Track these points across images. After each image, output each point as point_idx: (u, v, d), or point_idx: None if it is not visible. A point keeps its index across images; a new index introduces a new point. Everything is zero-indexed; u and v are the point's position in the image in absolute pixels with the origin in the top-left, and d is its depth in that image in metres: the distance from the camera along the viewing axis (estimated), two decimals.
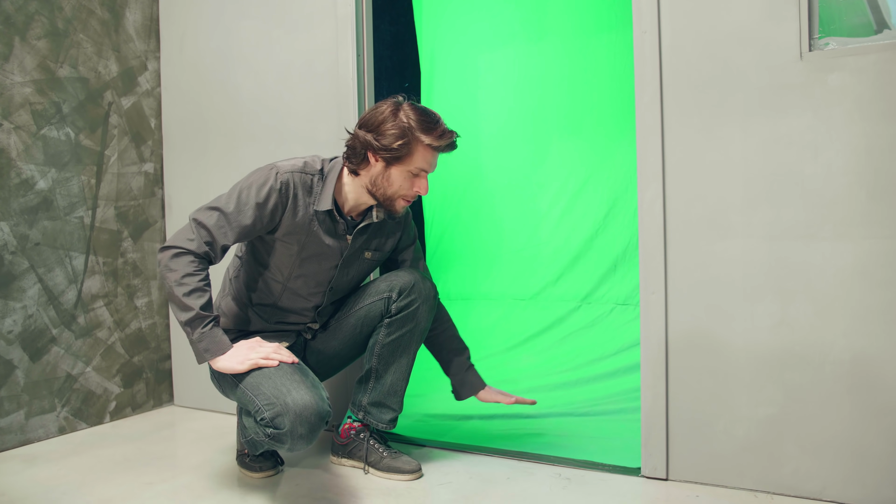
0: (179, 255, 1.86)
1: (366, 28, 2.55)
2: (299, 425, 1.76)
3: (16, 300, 2.49)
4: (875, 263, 1.80)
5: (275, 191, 1.94)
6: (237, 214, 1.91)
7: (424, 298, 2.12)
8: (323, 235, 2.03)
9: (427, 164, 1.97)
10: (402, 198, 2.01)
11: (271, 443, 1.84)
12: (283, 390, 1.79)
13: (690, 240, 2.01)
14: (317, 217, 2.01)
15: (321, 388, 1.86)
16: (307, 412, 1.76)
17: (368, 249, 2.14)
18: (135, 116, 2.92)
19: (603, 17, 3.87)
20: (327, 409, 1.81)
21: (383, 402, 2.18)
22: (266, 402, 1.79)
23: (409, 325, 2.13)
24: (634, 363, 3.13)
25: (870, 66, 1.79)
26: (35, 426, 2.55)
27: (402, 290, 2.10)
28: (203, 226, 1.90)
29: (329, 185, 2.01)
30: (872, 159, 1.79)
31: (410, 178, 1.98)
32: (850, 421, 1.83)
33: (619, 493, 1.99)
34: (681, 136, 2.01)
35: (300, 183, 1.99)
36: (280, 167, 1.98)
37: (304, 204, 1.99)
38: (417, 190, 2.00)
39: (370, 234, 2.13)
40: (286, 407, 1.76)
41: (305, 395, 1.78)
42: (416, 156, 1.95)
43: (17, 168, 2.50)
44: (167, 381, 3.06)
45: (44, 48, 2.58)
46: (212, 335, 1.84)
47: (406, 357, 2.17)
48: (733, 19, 1.94)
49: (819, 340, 1.86)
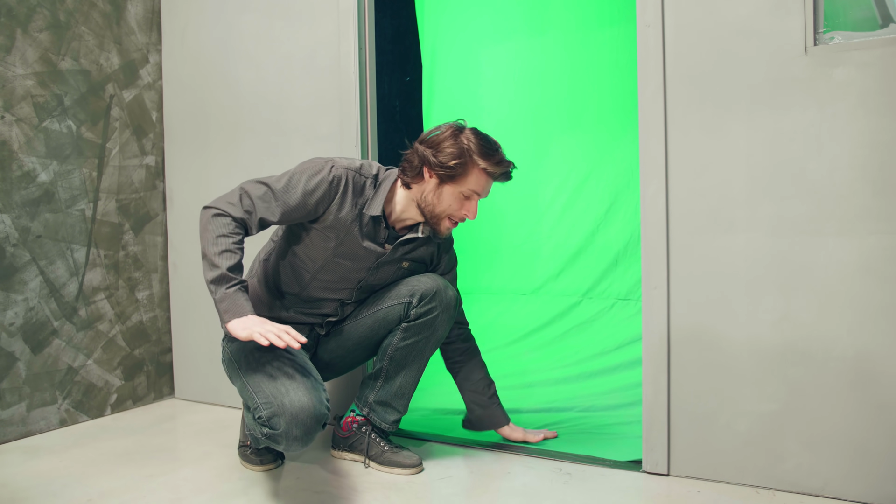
0: (218, 215, 1.88)
1: (367, 22, 2.54)
2: (294, 427, 1.75)
3: (17, 292, 2.49)
4: (879, 259, 1.79)
5: (325, 182, 1.96)
6: (284, 194, 1.93)
7: (445, 307, 2.11)
8: (362, 238, 2.04)
9: (480, 188, 2.00)
10: (449, 217, 2.03)
11: (267, 441, 1.84)
12: (281, 390, 1.79)
13: (693, 234, 2.00)
14: (360, 219, 2.03)
15: (322, 389, 1.86)
16: (303, 414, 1.75)
17: (408, 260, 2.16)
18: (136, 109, 2.91)
19: (605, 11, 3.85)
20: (324, 412, 1.80)
21: (389, 403, 2.18)
22: (264, 401, 1.79)
23: (426, 332, 2.11)
24: (636, 358, 3.13)
25: (875, 60, 1.78)
26: (36, 418, 2.55)
27: (423, 297, 2.09)
28: (248, 195, 1.92)
29: (382, 192, 2.04)
30: (877, 154, 1.78)
31: (461, 199, 2.00)
32: (853, 417, 1.83)
33: (621, 488, 1.99)
34: (684, 131, 2.01)
35: (352, 182, 2.01)
36: (337, 162, 2.00)
37: (352, 203, 2.01)
38: (466, 213, 2.02)
39: (414, 247, 2.14)
40: (282, 408, 1.75)
41: (303, 397, 1.77)
42: (470, 178, 1.97)
43: (19, 160, 2.49)
44: (168, 374, 3.06)
45: (45, 40, 2.57)
46: (234, 297, 1.79)
47: (418, 362, 2.16)
48: (737, 13, 1.93)
49: (822, 336, 1.86)
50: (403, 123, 4.36)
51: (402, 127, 4.35)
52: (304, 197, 1.94)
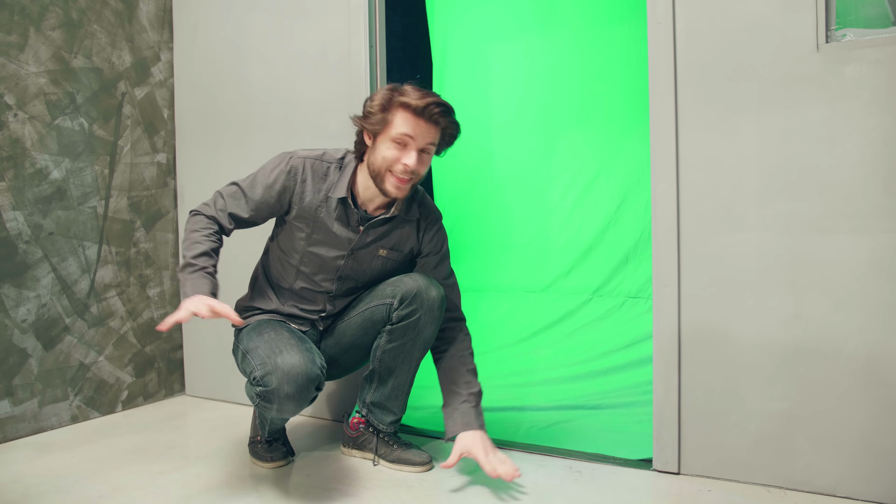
0: (193, 215, 2.04)
1: (378, 19, 2.54)
2: (285, 384, 1.79)
3: (30, 289, 2.51)
4: (891, 257, 1.78)
5: (283, 173, 2.02)
6: (249, 189, 2.04)
7: (427, 309, 2.04)
8: (332, 223, 2.05)
9: (409, 128, 1.90)
10: (391, 172, 1.93)
11: (262, 405, 1.86)
12: (276, 350, 1.85)
13: (704, 232, 2.00)
14: (327, 204, 2.03)
15: (317, 355, 1.91)
16: (294, 371, 1.80)
17: (384, 247, 2.11)
18: (148, 107, 2.93)
19: (616, 8, 3.84)
20: (317, 372, 1.85)
21: (384, 405, 2.17)
22: (259, 362, 1.85)
23: (411, 334, 2.06)
24: (646, 356, 3.13)
25: (887, 57, 1.77)
26: (48, 414, 2.57)
27: (403, 299, 2.04)
28: (221, 195, 2.06)
29: (346, 173, 2.04)
30: (889, 152, 1.77)
31: (396, 148, 1.92)
32: (865, 416, 1.82)
33: (631, 486, 1.99)
34: (695, 128, 2.00)
35: (311, 169, 2.04)
36: (295, 153, 2.06)
37: (314, 189, 2.03)
38: (405, 162, 1.91)
39: (387, 230, 2.09)
40: (275, 365, 1.81)
41: (295, 356, 1.83)
42: (396, 120, 1.91)
43: (32, 158, 2.51)
44: (179, 371, 3.08)
45: (58, 39, 2.58)
46: (192, 279, 1.88)
47: (407, 365, 2.12)
48: (749, 10, 1.92)
49: (833, 334, 1.85)
50: None
51: None
52: (265, 190, 2.03)
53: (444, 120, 1.93)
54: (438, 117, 1.92)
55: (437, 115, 1.91)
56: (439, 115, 1.91)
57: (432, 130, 1.93)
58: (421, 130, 1.91)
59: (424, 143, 1.93)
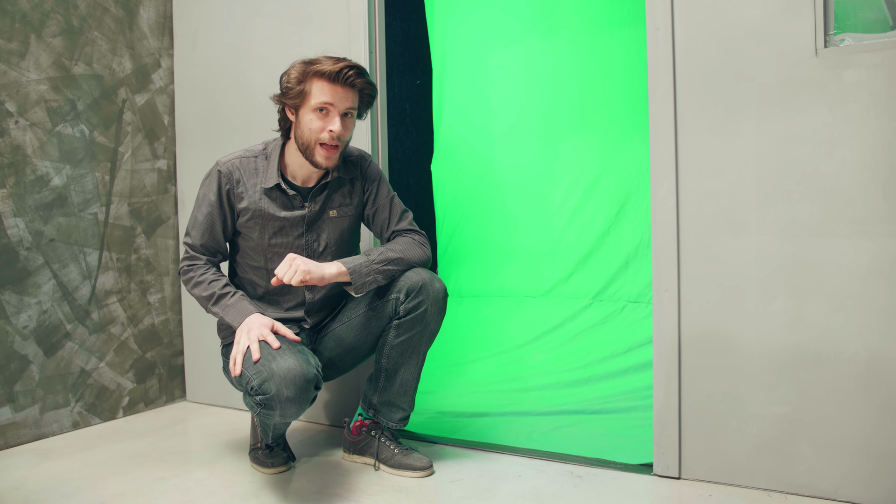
0: (183, 272, 2.11)
1: (378, 25, 2.55)
2: (284, 387, 1.80)
3: (31, 296, 2.51)
4: (891, 261, 1.78)
5: (214, 181, 2.10)
6: (203, 214, 2.09)
7: (433, 300, 2.08)
8: (278, 211, 2.09)
9: (328, 95, 1.96)
10: (318, 143, 2.00)
11: (263, 413, 1.87)
12: (269, 359, 1.86)
13: (704, 237, 2.00)
14: (267, 195, 2.08)
15: (310, 356, 1.93)
16: (291, 374, 1.81)
17: (332, 207, 2.16)
18: (148, 113, 2.93)
19: (615, 13, 3.84)
20: (314, 372, 1.86)
21: (394, 402, 2.18)
22: (254, 372, 1.86)
23: (418, 326, 2.09)
24: (647, 361, 3.12)
25: (886, 62, 1.77)
26: (49, 421, 2.57)
27: (409, 292, 2.06)
28: (188, 244, 2.12)
29: (272, 162, 2.09)
30: (888, 156, 1.77)
31: (319, 117, 1.98)
32: (866, 420, 1.82)
33: (632, 491, 1.99)
34: (694, 133, 2.00)
35: (241, 168, 2.09)
36: (220, 161, 2.11)
37: (251, 185, 2.09)
38: (331, 129, 1.97)
39: (329, 194, 2.14)
40: (271, 372, 1.82)
41: (290, 359, 1.84)
42: (314, 89, 1.98)
43: (33, 165, 2.51)
44: (180, 377, 3.08)
45: (59, 46, 2.59)
46: (233, 303, 2.00)
47: (415, 358, 2.15)
48: (747, 15, 1.93)
49: (834, 338, 1.85)
50: (414, 126, 4.37)
51: (412, 130, 4.36)
52: (210, 206, 2.08)
53: (359, 81, 2.00)
54: (354, 79, 1.98)
55: (353, 78, 1.98)
56: (354, 76, 1.98)
57: (350, 94, 2.00)
58: (339, 96, 1.98)
59: (344, 107, 1.99)
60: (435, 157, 4.31)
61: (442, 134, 4.30)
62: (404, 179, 4.28)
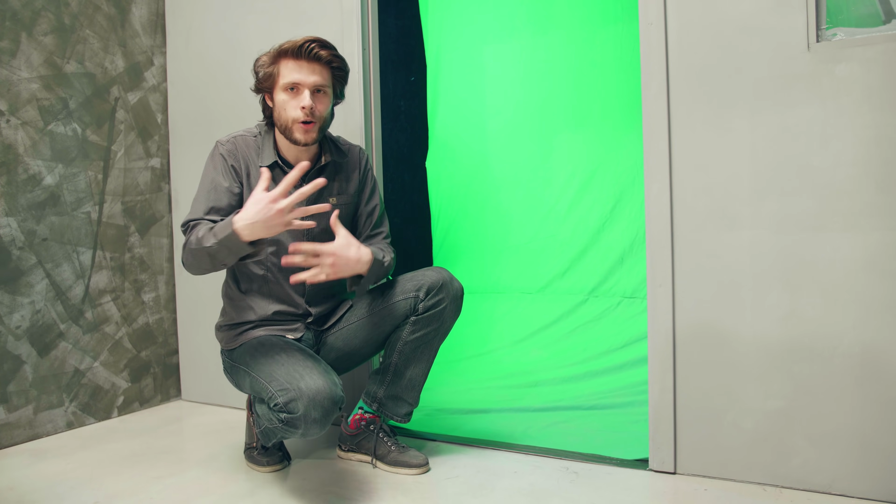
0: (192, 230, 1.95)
1: (371, 22, 2.55)
2: (313, 409, 1.77)
3: (24, 295, 2.50)
4: (884, 255, 1.78)
5: (220, 157, 2.06)
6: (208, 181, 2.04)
7: (452, 298, 2.10)
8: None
9: (296, 72, 1.98)
10: (294, 121, 2.00)
11: (285, 428, 1.85)
12: (295, 376, 1.82)
13: (698, 232, 2.00)
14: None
15: (333, 374, 1.89)
16: (320, 396, 1.78)
17: (331, 195, 2.14)
18: (141, 111, 2.92)
19: (608, 9, 3.85)
20: (340, 393, 1.84)
21: (400, 396, 2.18)
22: (279, 388, 1.82)
23: (435, 324, 2.10)
24: (642, 356, 3.12)
25: (878, 56, 1.77)
26: (43, 421, 2.56)
27: (430, 290, 2.08)
28: (189, 218, 1.99)
29: (268, 142, 2.10)
30: (881, 150, 1.78)
31: (290, 96, 2.00)
32: (860, 414, 1.82)
33: (627, 486, 1.99)
34: (688, 128, 2.00)
35: (244, 144, 2.10)
36: (220, 140, 2.11)
37: (252, 162, 2.08)
38: (302, 104, 1.97)
39: (327, 176, 2.11)
40: (300, 392, 1.78)
41: (318, 379, 1.81)
42: (282, 70, 2.00)
43: (25, 164, 2.50)
44: (175, 376, 3.07)
45: (50, 44, 2.58)
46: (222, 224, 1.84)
47: (428, 354, 2.16)
48: (740, 10, 1.93)
49: (828, 332, 1.85)
50: (408, 123, 4.37)
51: (406, 126, 4.36)
52: (214, 173, 2.04)
53: (324, 53, 2.00)
54: (318, 51, 1.98)
55: (316, 50, 1.98)
56: (318, 48, 1.99)
57: (317, 68, 2.00)
58: (305, 71, 1.98)
59: (312, 81, 1.99)
60: (430, 153, 4.31)
61: (436, 130, 4.30)
62: (399, 176, 4.27)
